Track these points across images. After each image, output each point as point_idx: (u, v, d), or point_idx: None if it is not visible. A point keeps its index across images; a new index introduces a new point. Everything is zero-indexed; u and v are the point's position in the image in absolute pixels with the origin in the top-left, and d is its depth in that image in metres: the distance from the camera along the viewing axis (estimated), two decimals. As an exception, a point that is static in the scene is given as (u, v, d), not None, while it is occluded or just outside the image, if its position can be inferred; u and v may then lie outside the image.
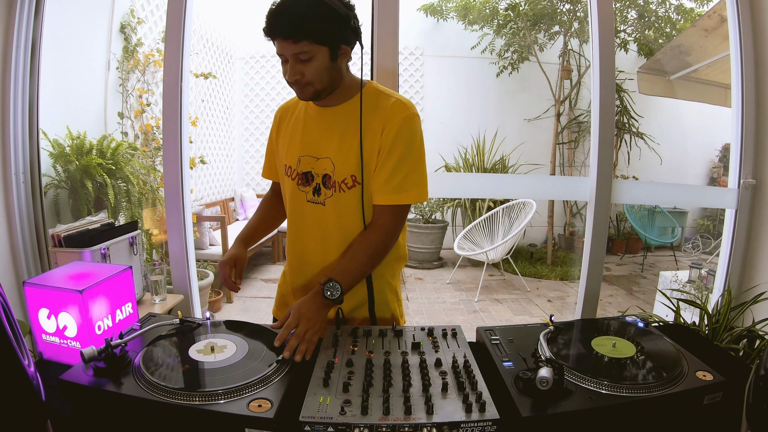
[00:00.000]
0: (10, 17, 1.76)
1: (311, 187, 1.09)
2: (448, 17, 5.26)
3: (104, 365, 0.83)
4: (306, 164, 1.10)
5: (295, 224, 1.16)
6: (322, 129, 1.09)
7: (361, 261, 1.05)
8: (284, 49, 0.96)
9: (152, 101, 3.37)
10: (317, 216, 1.10)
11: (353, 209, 1.07)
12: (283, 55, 0.98)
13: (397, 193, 1.04)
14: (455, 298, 4.14)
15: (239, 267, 1.17)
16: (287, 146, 1.15)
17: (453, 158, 5.29)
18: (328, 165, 1.07)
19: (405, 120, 1.04)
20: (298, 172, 1.11)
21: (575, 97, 5.29)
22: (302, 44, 0.94)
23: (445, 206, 5.31)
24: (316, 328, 0.96)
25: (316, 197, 1.09)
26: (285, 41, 0.95)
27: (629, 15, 4.97)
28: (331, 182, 1.07)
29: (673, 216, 5.41)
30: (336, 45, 0.99)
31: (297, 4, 0.93)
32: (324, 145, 1.08)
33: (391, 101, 1.06)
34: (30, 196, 1.87)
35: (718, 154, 5.77)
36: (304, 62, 0.97)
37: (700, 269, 2.74)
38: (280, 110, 1.21)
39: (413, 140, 1.06)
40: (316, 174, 1.08)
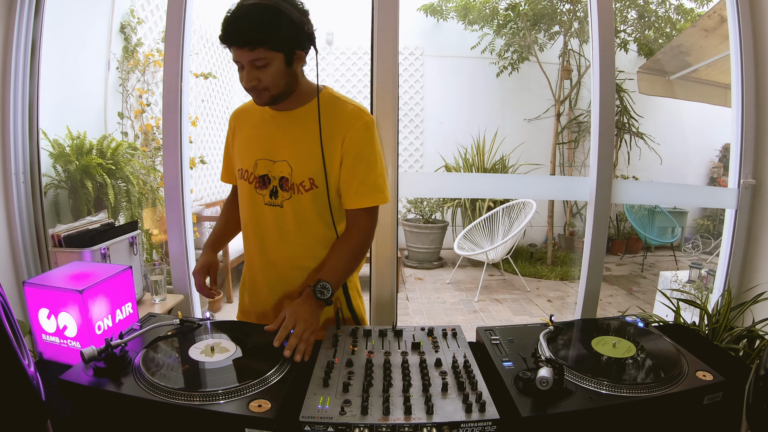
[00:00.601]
0: (10, 17, 1.75)
1: (268, 189, 1.12)
2: (448, 17, 5.26)
3: (104, 365, 0.83)
4: (263, 167, 1.12)
5: (252, 226, 1.17)
6: (278, 133, 1.11)
7: (346, 260, 1.09)
8: (240, 56, 0.98)
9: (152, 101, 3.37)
10: (274, 218, 1.13)
11: (310, 210, 1.11)
12: (240, 62, 1.00)
13: (370, 195, 1.10)
14: (455, 298, 4.14)
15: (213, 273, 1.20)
16: (243, 150, 1.16)
17: (453, 158, 5.29)
18: (285, 168, 1.10)
19: (367, 126, 1.09)
20: (255, 175, 1.13)
21: (575, 97, 5.29)
22: (258, 51, 0.96)
23: (445, 206, 5.31)
24: (312, 328, 0.98)
25: (273, 200, 1.12)
26: (241, 49, 0.96)
27: (629, 15, 4.97)
28: (289, 185, 1.10)
29: (673, 216, 5.41)
30: (291, 51, 1.01)
31: (252, 12, 0.95)
32: (281, 149, 1.10)
33: (349, 107, 1.10)
34: (30, 196, 1.87)
35: (718, 154, 5.77)
36: (260, 68, 0.99)
37: (700, 269, 2.74)
38: (235, 114, 1.23)
39: (375, 145, 1.11)
40: (273, 177, 1.11)
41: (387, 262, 1.77)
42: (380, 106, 1.69)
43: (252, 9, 0.95)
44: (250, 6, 0.96)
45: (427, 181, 2.12)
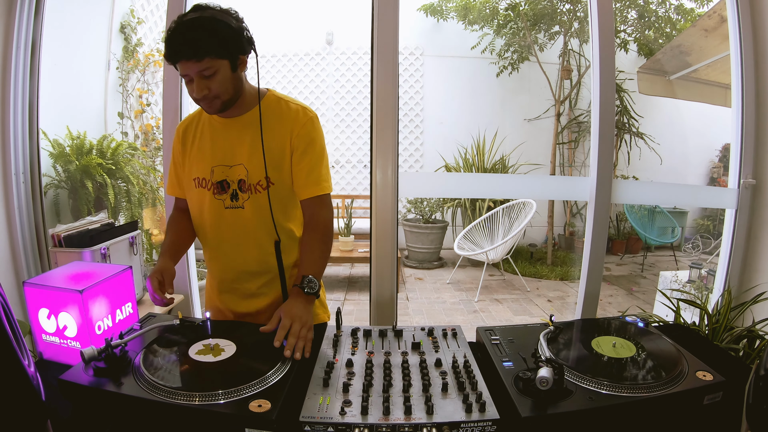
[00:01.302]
0: (10, 17, 1.76)
1: (228, 193, 1.16)
2: (448, 17, 5.26)
3: (104, 365, 0.83)
4: (220, 173, 1.16)
5: (212, 232, 1.20)
6: (231, 138, 1.16)
7: (320, 249, 1.16)
8: (188, 69, 1.01)
9: (152, 101, 3.37)
10: (235, 219, 1.17)
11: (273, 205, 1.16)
12: (188, 75, 1.03)
13: (319, 184, 1.17)
14: (455, 298, 4.14)
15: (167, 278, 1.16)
16: (197, 160, 1.19)
17: (453, 158, 5.29)
18: (241, 171, 1.14)
19: (312, 122, 1.16)
20: (213, 182, 1.16)
21: (575, 97, 5.29)
22: (205, 61, 1.01)
23: (445, 206, 5.31)
24: (308, 324, 1.00)
25: (234, 202, 1.16)
26: (188, 61, 1.00)
27: (629, 15, 4.97)
28: (246, 186, 1.15)
29: (673, 216, 5.41)
30: (235, 56, 1.06)
31: (193, 25, 1.00)
32: (236, 153, 1.15)
33: (293, 107, 1.17)
34: (30, 196, 1.87)
35: (718, 154, 5.77)
36: (208, 78, 1.03)
37: (700, 269, 2.74)
38: (182, 127, 1.24)
39: (320, 139, 1.19)
40: (231, 181, 1.16)
41: (387, 262, 1.77)
42: (380, 106, 1.69)
43: (192, 23, 1.01)
44: (189, 21, 1.01)
45: (427, 181, 2.12)
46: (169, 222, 1.30)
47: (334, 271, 4.89)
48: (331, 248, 1.20)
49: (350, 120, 5.58)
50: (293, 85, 5.54)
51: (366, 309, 1.83)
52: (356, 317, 3.59)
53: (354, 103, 5.54)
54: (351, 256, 4.29)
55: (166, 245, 1.23)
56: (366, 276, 4.59)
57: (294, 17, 5.29)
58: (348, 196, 5.40)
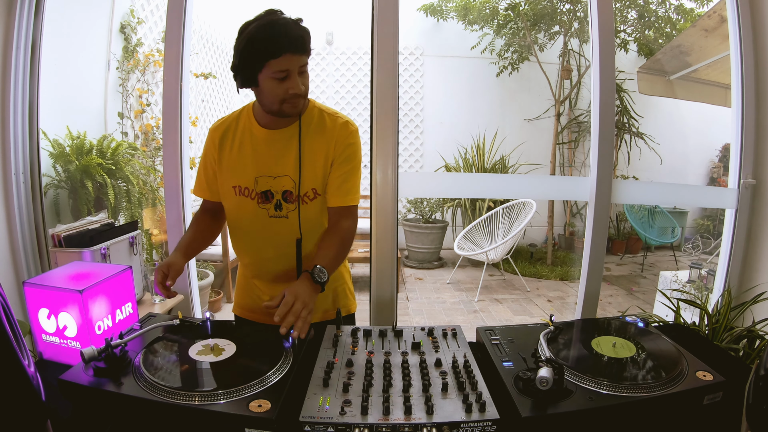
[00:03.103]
0: (10, 17, 1.76)
1: (272, 203, 1.18)
2: (448, 17, 5.26)
3: (104, 365, 0.83)
4: (264, 184, 1.18)
5: (254, 239, 1.23)
6: (275, 150, 1.18)
7: (336, 251, 1.17)
8: (293, 63, 1.04)
9: (152, 101, 3.37)
10: (279, 229, 1.19)
11: (314, 216, 1.20)
12: (287, 71, 1.05)
13: (350, 195, 1.20)
14: (455, 298, 4.14)
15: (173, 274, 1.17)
16: (236, 168, 1.20)
17: (453, 158, 5.29)
18: (287, 182, 1.17)
19: (354, 136, 1.20)
20: (257, 191, 1.18)
21: (575, 97, 5.29)
22: (305, 57, 1.06)
23: (445, 206, 5.31)
24: (310, 307, 1.02)
25: (278, 212, 1.19)
26: (295, 55, 1.04)
27: (629, 15, 4.97)
28: (293, 197, 1.17)
29: (673, 216, 5.41)
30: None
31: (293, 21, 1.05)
32: (280, 165, 1.17)
33: (337, 120, 1.20)
34: (30, 196, 1.87)
35: (718, 154, 5.77)
36: (303, 75, 1.08)
37: (700, 269, 2.74)
38: (219, 132, 1.23)
39: (359, 153, 1.22)
40: (276, 191, 1.18)
41: (387, 262, 1.77)
42: (380, 106, 1.69)
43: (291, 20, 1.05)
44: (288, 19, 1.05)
45: (427, 181, 2.12)
46: (193, 220, 1.32)
47: (334, 271, 4.88)
48: (346, 255, 1.22)
49: (350, 120, 5.58)
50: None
51: (366, 309, 1.83)
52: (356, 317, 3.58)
53: (354, 103, 5.54)
54: (351, 256, 4.30)
55: (184, 242, 1.25)
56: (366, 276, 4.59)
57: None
58: (348, 196, 5.39)
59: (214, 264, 3.72)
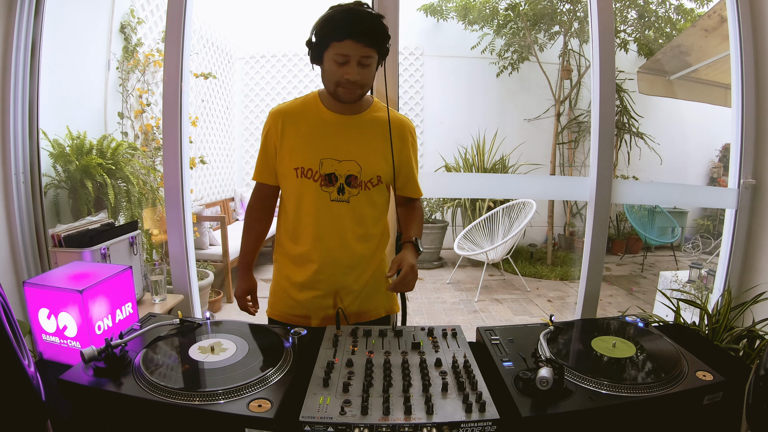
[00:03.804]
0: (10, 17, 1.75)
1: (335, 186, 1.20)
2: (448, 17, 5.26)
3: (104, 365, 0.83)
4: (329, 166, 1.20)
5: (317, 222, 1.22)
6: (344, 134, 1.22)
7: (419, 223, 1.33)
8: (355, 50, 1.08)
9: (152, 101, 3.37)
10: (340, 213, 1.21)
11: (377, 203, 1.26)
12: (347, 56, 1.09)
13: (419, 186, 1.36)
14: (455, 298, 4.14)
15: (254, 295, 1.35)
16: (303, 149, 1.21)
17: (453, 158, 5.29)
18: (353, 167, 1.20)
19: (415, 133, 1.31)
20: (321, 173, 1.20)
21: (575, 97, 5.29)
22: (371, 50, 1.10)
23: (445, 206, 5.31)
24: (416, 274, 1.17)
25: (340, 196, 1.21)
26: (359, 44, 1.08)
27: (629, 15, 4.97)
28: (357, 182, 1.21)
29: (673, 216, 5.41)
30: (381, 58, 1.17)
31: (371, 15, 1.10)
32: (349, 149, 1.21)
33: (401, 118, 1.28)
34: (30, 196, 1.87)
35: (718, 154, 5.77)
36: (364, 66, 1.11)
37: (700, 269, 2.74)
38: (281, 114, 1.24)
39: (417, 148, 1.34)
40: (339, 175, 1.20)
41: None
42: (380, 106, 1.69)
43: (370, 13, 1.10)
44: (367, 11, 1.09)
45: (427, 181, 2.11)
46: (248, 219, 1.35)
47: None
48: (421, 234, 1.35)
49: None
50: (293, 85, 5.54)
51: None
52: (356, 317, 3.58)
53: (354, 103, 5.53)
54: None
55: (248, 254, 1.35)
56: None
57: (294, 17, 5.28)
58: (348, 196, 5.39)
59: (214, 264, 3.72)
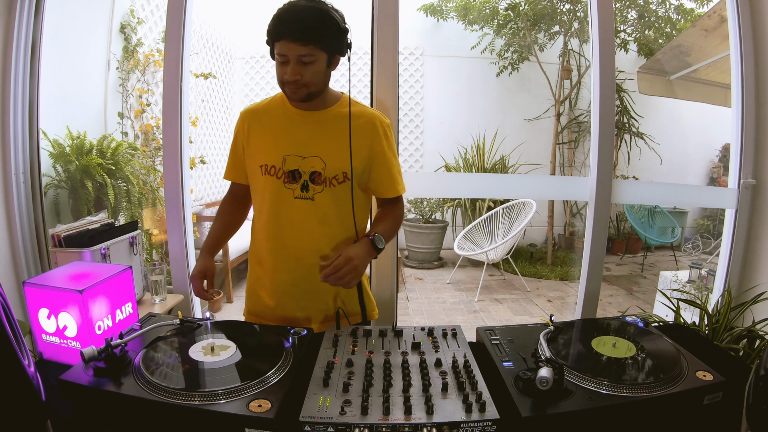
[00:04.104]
0: (10, 17, 1.75)
1: (299, 184, 1.17)
2: (448, 17, 5.25)
3: (104, 365, 0.83)
4: (292, 163, 1.17)
5: (277, 220, 1.19)
6: (308, 130, 1.18)
7: (393, 223, 1.24)
8: (290, 50, 1.04)
9: (152, 101, 3.37)
10: (304, 210, 1.17)
11: (343, 201, 1.19)
12: (286, 56, 1.06)
13: (399, 185, 1.25)
14: (455, 298, 4.14)
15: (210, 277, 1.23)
16: (267, 147, 1.19)
17: (453, 158, 5.29)
18: (317, 163, 1.16)
19: (390, 128, 1.24)
20: (284, 170, 1.17)
21: (575, 97, 5.29)
22: (309, 47, 1.04)
23: (445, 206, 5.31)
24: (358, 272, 1.07)
25: (304, 193, 1.17)
26: (293, 43, 1.03)
27: (629, 15, 4.96)
28: (321, 178, 1.16)
29: (673, 216, 5.40)
30: (333, 54, 1.11)
31: (309, 11, 1.04)
32: (312, 145, 1.17)
33: (373, 113, 1.23)
34: (30, 196, 1.87)
35: (718, 154, 5.77)
36: (305, 65, 1.06)
37: (700, 269, 2.74)
38: (249, 113, 1.25)
39: (395, 145, 1.28)
40: (303, 172, 1.16)
41: (387, 262, 1.77)
42: (380, 106, 1.69)
43: (308, 9, 1.04)
44: (305, 6, 1.04)
45: (427, 181, 2.12)
46: (220, 210, 1.33)
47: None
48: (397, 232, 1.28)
49: (350, 120, 5.58)
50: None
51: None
52: (356, 317, 3.58)
53: (354, 103, 5.53)
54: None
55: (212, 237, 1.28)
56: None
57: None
58: (348, 196, 5.39)
59: (214, 264, 3.71)
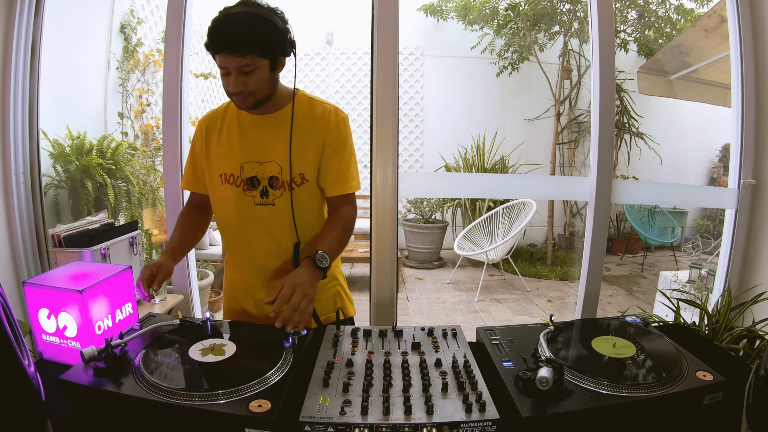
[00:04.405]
0: (10, 17, 1.75)
1: (258, 190, 1.15)
2: (448, 17, 5.26)
3: (104, 365, 0.83)
4: (250, 170, 1.15)
5: (241, 228, 1.19)
6: (263, 135, 1.16)
7: (338, 237, 1.15)
8: (229, 62, 1.01)
9: (152, 101, 3.37)
10: (266, 216, 1.16)
11: (305, 203, 1.17)
12: (226, 68, 1.03)
13: (348, 183, 1.19)
14: (455, 298, 4.14)
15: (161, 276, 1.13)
16: (223, 156, 1.18)
17: (453, 158, 5.29)
18: (273, 167, 1.14)
19: (344, 122, 1.19)
20: (243, 178, 1.15)
21: (575, 97, 5.29)
22: (247, 58, 1.01)
23: (445, 206, 5.31)
24: (310, 297, 1.00)
25: (264, 199, 1.16)
26: (229, 56, 1.00)
27: (629, 15, 4.97)
28: (279, 182, 1.14)
29: (673, 216, 5.40)
30: (275, 57, 1.07)
31: (241, 20, 0.99)
32: (268, 150, 1.15)
33: (326, 107, 1.19)
34: (30, 196, 1.87)
35: (718, 154, 5.77)
36: (247, 74, 1.03)
37: (700, 269, 2.74)
38: (205, 122, 1.22)
39: (351, 140, 1.21)
40: (262, 177, 1.15)
41: (387, 262, 1.77)
42: (380, 106, 1.69)
43: (240, 17, 0.99)
44: (237, 14, 1.00)
45: (427, 181, 2.12)
46: (180, 218, 1.29)
47: (334, 271, 4.89)
48: (348, 240, 1.20)
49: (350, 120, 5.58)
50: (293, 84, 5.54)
51: (366, 309, 1.83)
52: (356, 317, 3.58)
53: (354, 103, 5.54)
54: (351, 256, 4.29)
55: (172, 243, 1.23)
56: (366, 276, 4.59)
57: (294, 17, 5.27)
58: (348, 196, 5.39)
59: (214, 264, 3.72)
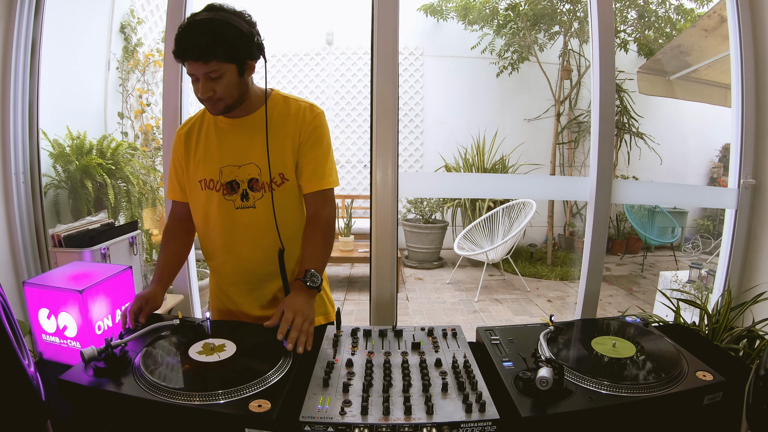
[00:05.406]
0: (10, 17, 1.76)
1: (238, 194, 1.15)
2: (448, 17, 5.26)
3: (104, 365, 0.83)
4: (229, 174, 1.15)
5: (223, 234, 1.18)
6: (240, 139, 1.16)
7: (322, 244, 1.16)
8: (195, 69, 1.02)
9: (152, 101, 3.37)
10: (248, 220, 1.16)
11: (286, 203, 1.17)
12: (194, 75, 1.04)
13: (323, 179, 1.17)
14: (455, 298, 4.14)
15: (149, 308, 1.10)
16: (202, 162, 1.18)
17: (453, 158, 5.29)
18: (252, 170, 1.14)
19: (319, 118, 1.18)
20: (222, 182, 1.15)
21: (575, 97, 5.29)
22: (212, 64, 1.01)
23: (445, 206, 5.31)
24: (310, 319, 1.01)
25: (244, 202, 1.15)
26: (195, 63, 1.00)
27: (629, 15, 4.97)
28: (259, 184, 1.14)
29: (673, 216, 5.40)
30: (243, 61, 1.06)
31: (204, 26, 1.00)
32: (245, 153, 1.15)
33: (300, 104, 1.18)
34: (30, 196, 1.87)
35: (718, 154, 5.77)
36: (215, 80, 1.03)
37: (700, 269, 2.74)
38: (184, 130, 1.22)
39: (327, 135, 1.20)
40: (241, 181, 1.15)
41: (387, 262, 1.77)
42: (380, 106, 1.69)
43: (204, 24, 1.00)
44: (201, 21, 1.00)
45: (427, 181, 2.12)
46: (165, 237, 1.26)
47: (334, 271, 4.89)
48: (332, 244, 1.21)
49: (350, 120, 5.58)
50: (293, 85, 5.54)
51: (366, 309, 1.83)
52: (356, 317, 3.59)
53: (354, 103, 5.54)
54: (351, 256, 4.29)
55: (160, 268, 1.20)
56: (366, 276, 4.60)
57: (294, 17, 5.29)
58: (348, 196, 5.40)
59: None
